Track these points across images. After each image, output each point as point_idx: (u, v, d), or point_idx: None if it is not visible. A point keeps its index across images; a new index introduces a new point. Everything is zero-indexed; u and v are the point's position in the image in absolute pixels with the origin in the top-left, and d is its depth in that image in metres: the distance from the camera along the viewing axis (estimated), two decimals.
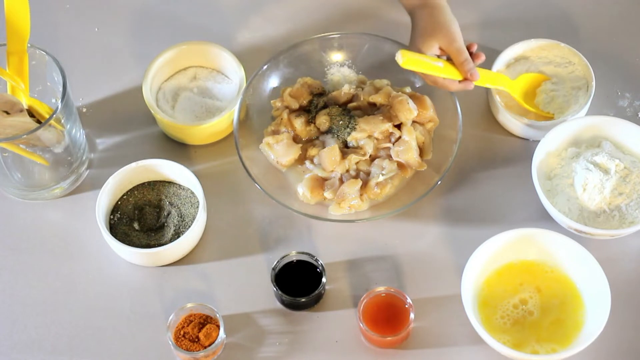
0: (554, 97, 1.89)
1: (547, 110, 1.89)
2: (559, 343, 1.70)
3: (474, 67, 1.79)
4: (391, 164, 1.85)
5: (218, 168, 1.91)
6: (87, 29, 2.05)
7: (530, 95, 1.91)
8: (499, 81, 1.87)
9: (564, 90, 1.90)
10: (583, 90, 1.90)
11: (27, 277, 1.81)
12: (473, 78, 1.80)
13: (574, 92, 1.89)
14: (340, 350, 1.74)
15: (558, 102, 1.89)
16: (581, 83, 1.91)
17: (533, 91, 1.91)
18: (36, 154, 1.81)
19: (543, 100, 1.90)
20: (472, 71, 1.79)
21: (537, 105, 1.90)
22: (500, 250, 1.75)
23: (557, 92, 1.90)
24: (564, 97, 1.89)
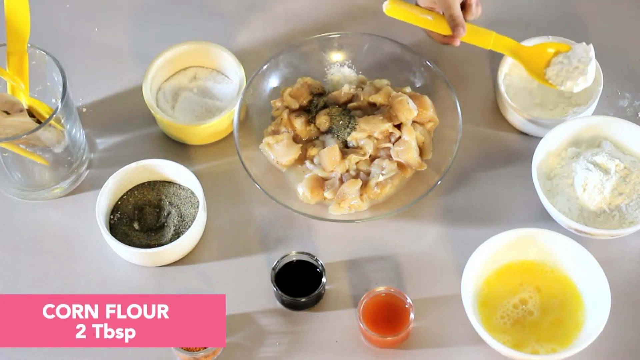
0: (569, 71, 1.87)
1: (555, 83, 1.87)
2: (559, 343, 1.70)
3: (460, 24, 1.76)
4: (391, 164, 1.85)
5: (218, 168, 1.91)
6: (87, 29, 2.05)
7: (539, 65, 1.89)
8: (501, 45, 1.85)
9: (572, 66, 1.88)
10: (590, 88, 1.90)
11: (27, 277, 1.81)
12: (455, 34, 1.76)
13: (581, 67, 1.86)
14: (340, 350, 1.74)
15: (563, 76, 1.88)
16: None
17: (543, 62, 1.90)
18: (36, 154, 1.81)
19: (557, 73, 1.88)
20: (456, 28, 1.76)
21: (544, 77, 1.88)
22: (500, 250, 1.75)
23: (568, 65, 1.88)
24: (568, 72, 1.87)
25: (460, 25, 1.78)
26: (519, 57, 1.89)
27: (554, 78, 1.87)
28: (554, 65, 1.88)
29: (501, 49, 1.89)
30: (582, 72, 1.84)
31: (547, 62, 1.89)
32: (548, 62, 1.89)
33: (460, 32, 1.77)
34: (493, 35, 1.88)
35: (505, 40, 1.89)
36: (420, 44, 1.99)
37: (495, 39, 1.88)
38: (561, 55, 1.88)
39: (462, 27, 1.79)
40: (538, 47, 1.89)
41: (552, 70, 1.88)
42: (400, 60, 1.93)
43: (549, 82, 1.87)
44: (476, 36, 1.87)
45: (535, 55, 1.89)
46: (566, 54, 1.88)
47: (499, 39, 1.88)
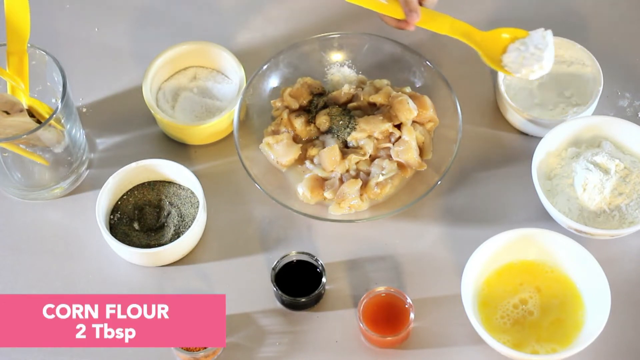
0: (525, 58, 1.83)
1: (511, 70, 1.83)
2: (559, 343, 1.70)
3: (414, 10, 1.74)
4: (391, 164, 1.85)
5: (218, 168, 1.91)
6: (87, 29, 2.05)
7: (496, 51, 1.85)
8: (458, 31, 1.82)
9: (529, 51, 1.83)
10: (590, 88, 1.90)
11: (27, 277, 1.81)
12: (408, 20, 1.74)
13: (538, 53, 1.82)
14: (340, 350, 1.74)
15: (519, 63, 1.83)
16: (589, 84, 1.91)
17: (499, 48, 1.85)
18: (36, 154, 1.81)
19: (513, 60, 1.83)
20: (410, 14, 1.74)
21: (501, 63, 1.84)
22: (500, 250, 1.75)
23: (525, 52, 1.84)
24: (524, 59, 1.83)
25: (414, 10, 1.76)
26: (475, 43, 1.84)
27: (510, 65, 1.82)
28: (510, 52, 1.83)
29: (457, 34, 1.84)
30: (538, 58, 1.80)
31: (503, 49, 1.84)
32: (505, 49, 1.84)
33: (414, 17, 1.75)
34: (449, 20, 1.84)
35: (461, 25, 1.84)
36: (420, 44, 1.99)
37: (451, 24, 1.84)
38: (518, 41, 1.83)
39: (416, 13, 1.76)
40: (494, 33, 1.84)
41: (509, 57, 1.83)
42: (400, 60, 1.93)
43: (505, 69, 1.83)
44: (432, 21, 1.83)
45: (491, 42, 1.84)
46: (523, 40, 1.83)
47: (456, 23, 1.84)
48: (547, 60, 1.80)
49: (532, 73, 1.81)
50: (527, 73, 1.81)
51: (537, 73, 1.81)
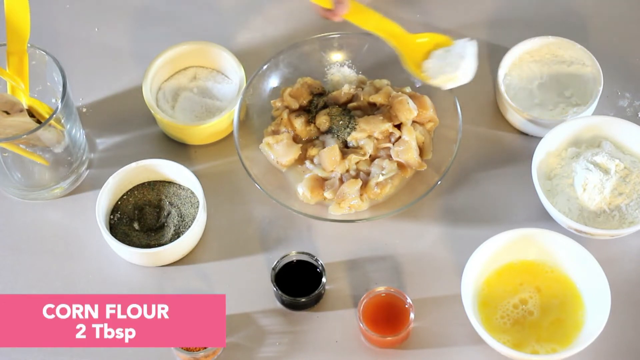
0: (443, 66, 1.82)
1: (429, 76, 1.82)
2: (559, 343, 1.70)
3: (342, 1, 1.74)
4: (391, 164, 1.85)
5: (218, 168, 1.91)
6: (87, 29, 2.05)
7: (418, 56, 1.84)
8: (383, 30, 1.81)
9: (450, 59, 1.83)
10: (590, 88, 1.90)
11: (27, 277, 1.81)
12: (335, 11, 1.74)
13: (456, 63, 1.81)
14: (340, 350, 1.74)
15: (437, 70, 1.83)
16: (589, 84, 1.91)
17: (422, 53, 1.84)
18: (36, 154, 1.81)
19: (432, 66, 1.83)
20: (338, 5, 1.74)
21: (421, 69, 1.83)
22: (500, 250, 1.75)
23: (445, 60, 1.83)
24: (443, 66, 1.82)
25: (342, 2, 1.76)
26: (399, 45, 1.83)
27: (430, 71, 1.82)
28: (433, 58, 1.82)
29: (382, 32, 1.83)
30: (455, 67, 1.79)
31: (427, 54, 1.83)
32: (428, 54, 1.83)
33: (341, 9, 1.74)
34: (377, 17, 1.83)
35: (388, 24, 1.83)
36: None
37: (378, 21, 1.83)
38: (442, 49, 1.83)
39: (343, 5, 1.76)
40: (420, 37, 1.84)
41: (430, 63, 1.82)
42: (400, 60, 1.93)
43: (423, 75, 1.82)
44: (359, 15, 1.82)
45: (416, 46, 1.83)
46: (447, 48, 1.82)
47: (383, 22, 1.83)
48: (463, 70, 1.79)
49: (448, 82, 1.80)
50: (443, 81, 1.80)
51: (452, 82, 1.80)
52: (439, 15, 2.04)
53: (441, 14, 2.04)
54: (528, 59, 1.95)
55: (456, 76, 1.79)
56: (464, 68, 1.79)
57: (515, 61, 1.94)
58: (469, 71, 1.79)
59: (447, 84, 1.81)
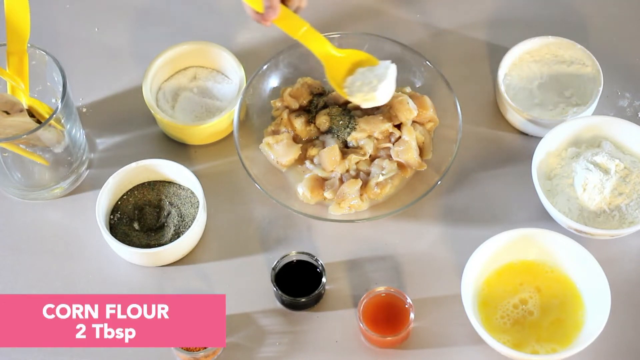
0: (362, 85, 1.84)
1: (347, 93, 1.83)
2: (559, 343, 1.70)
3: (272, 7, 1.74)
4: (391, 164, 1.85)
5: (218, 168, 1.91)
6: (87, 29, 2.05)
7: (341, 71, 1.85)
8: (310, 40, 1.82)
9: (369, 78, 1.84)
10: (590, 88, 1.90)
11: (27, 277, 1.81)
12: (265, 15, 1.75)
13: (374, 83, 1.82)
14: (340, 350, 1.74)
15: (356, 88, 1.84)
16: (589, 84, 1.91)
17: (345, 69, 1.86)
18: (36, 154, 1.81)
19: (353, 83, 1.84)
20: (268, 10, 1.74)
21: (342, 84, 1.84)
22: (500, 250, 1.75)
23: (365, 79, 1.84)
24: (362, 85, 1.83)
25: (272, 7, 1.76)
26: (323, 58, 1.85)
27: (350, 87, 1.83)
28: (356, 75, 1.84)
29: (309, 43, 1.84)
30: (373, 88, 1.81)
31: (350, 71, 1.85)
32: (353, 71, 1.85)
33: (271, 14, 1.75)
34: (305, 27, 1.83)
35: (315, 35, 1.84)
36: (420, 44, 1.99)
37: (306, 31, 1.83)
38: (366, 68, 1.85)
39: (274, 10, 1.76)
40: (347, 53, 1.86)
41: (351, 79, 1.84)
42: (400, 60, 1.93)
43: (343, 91, 1.83)
44: (288, 22, 1.82)
45: (340, 60, 1.86)
46: (371, 68, 1.85)
47: (310, 32, 1.83)
48: (381, 92, 1.81)
49: (365, 101, 1.82)
50: (359, 99, 1.82)
51: (369, 102, 1.82)
52: (439, 15, 2.04)
53: (441, 14, 2.04)
54: (528, 59, 1.95)
55: (374, 96, 1.81)
56: (381, 89, 1.81)
57: (515, 61, 1.94)
58: (386, 93, 1.82)
59: (364, 103, 1.83)
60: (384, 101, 1.82)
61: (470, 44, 2.01)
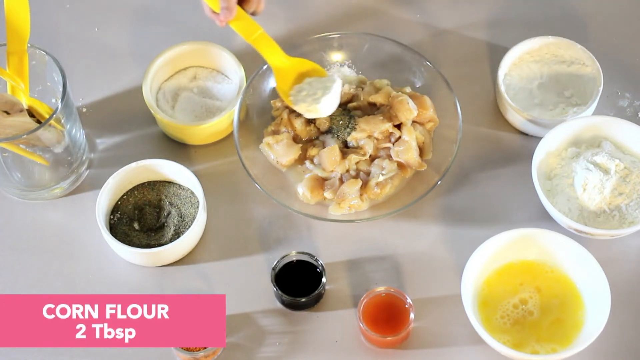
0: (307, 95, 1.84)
1: (292, 101, 1.84)
2: (559, 343, 1.70)
3: (228, 8, 1.75)
4: (391, 164, 1.85)
5: (218, 168, 1.91)
6: (87, 29, 2.05)
7: (289, 79, 1.86)
8: (262, 44, 1.83)
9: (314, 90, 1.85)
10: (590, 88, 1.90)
11: (27, 277, 1.81)
12: (220, 15, 1.76)
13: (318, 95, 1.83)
14: (340, 350, 1.74)
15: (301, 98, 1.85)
16: (589, 84, 1.91)
17: (293, 77, 1.86)
18: (36, 154, 1.81)
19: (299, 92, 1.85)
20: (223, 10, 1.75)
21: (288, 92, 1.85)
22: (500, 250, 1.75)
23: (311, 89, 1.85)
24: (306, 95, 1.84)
25: (228, 9, 1.77)
26: (274, 64, 1.85)
27: (295, 95, 1.84)
28: (303, 84, 1.85)
29: (260, 48, 1.85)
30: (316, 100, 1.82)
31: (298, 79, 1.86)
32: (301, 80, 1.86)
33: (226, 15, 1.76)
34: (258, 31, 1.84)
35: (267, 41, 1.84)
36: (420, 44, 1.99)
37: (259, 35, 1.84)
38: (313, 78, 1.85)
39: (230, 12, 1.77)
40: (297, 62, 1.87)
41: (298, 88, 1.85)
42: (400, 60, 1.93)
43: (289, 98, 1.84)
44: (243, 24, 1.82)
45: (288, 68, 1.86)
46: (317, 78, 1.85)
47: (262, 37, 1.84)
48: (323, 104, 1.81)
49: (308, 112, 1.83)
50: (303, 109, 1.83)
51: (311, 113, 1.83)
52: (439, 15, 2.04)
53: (441, 14, 2.04)
54: (528, 59, 1.95)
55: (316, 108, 1.82)
56: (324, 102, 1.81)
57: (515, 61, 1.94)
58: (329, 107, 1.82)
59: (307, 114, 1.83)
60: (325, 114, 1.83)
61: (470, 44, 2.01)
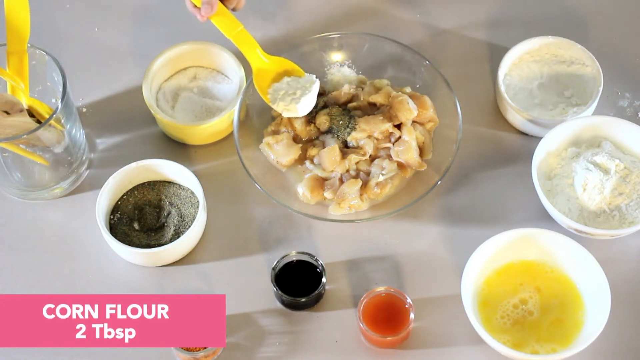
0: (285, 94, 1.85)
1: (270, 100, 1.85)
2: (559, 343, 1.70)
3: (209, 3, 1.76)
4: (391, 164, 1.85)
5: (218, 168, 1.91)
6: (87, 29, 2.05)
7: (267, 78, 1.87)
8: (242, 41, 1.85)
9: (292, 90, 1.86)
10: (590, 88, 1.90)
11: (27, 277, 1.81)
12: (202, 10, 1.77)
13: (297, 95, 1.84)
14: (340, 350, 1.74)
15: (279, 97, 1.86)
16: (589, 84, 1.91)
17: (271, 76, 1.88)
18: (36, 154, 1.81)
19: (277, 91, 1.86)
20: (205, 5, 1.76)
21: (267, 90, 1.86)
22: (500, 250, 1.75)
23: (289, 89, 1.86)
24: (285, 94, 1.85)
25: (209, 4, 1.78)
26: (253, 62, 1.86)
27: (273, 94, 1.85)
28: (281, 83, 1.86)
29: (239, 44, 1.85)
30: (295, 100, 1.83)
31: (277, 78, 1.87)
32: (279, 79, 1.87)
33: (207, 10, 1.77)
34: (239, 28, 1.84)
35: (248, 38, 1.85)
36: (420, 44, 1.99)
37: (239, 32, 1.84)
38: (292, 77, 1.86)
39: (211, 7, 1.78)
40: (276, 61, 1.87)
41: (276, 87, 1.86)
42: (400, 60, 1.93)
43: (266, 97, 1.85)
44: (224, 20, 1.83)
45: (267, 66, 1.87)
46: (295, 78, 1.86)
47: (242, 34, 1.85)
48: (302, 104, 1.83)
49: (285, 111, 1.84)
50: (280, 108, 1.84)
51: (289, 112, 1.84)
52: (439, 15, 2.04)
53: (441, 14, 2.04)
54: (528, 59, 1.95)
55: (295, 107, 1.83)
56: (303, 102, 1.83)
57: (515, 61, 1.94)
58: (306, 106, 1.84)
59: (285, 113, 1.84)
60: (303, 114, 1.84)
61: (470, 44, 2.01)
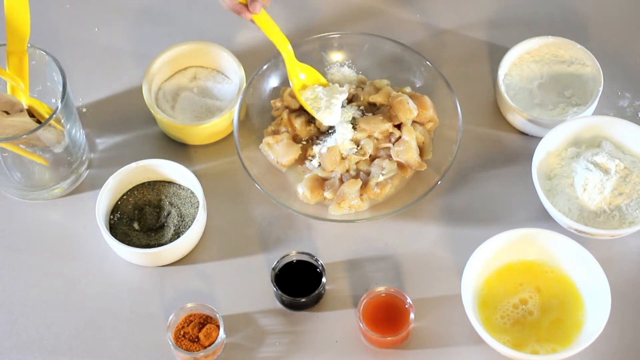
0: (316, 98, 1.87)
1: (312, 108, 1.87)
2: (559, 343, 1.70)
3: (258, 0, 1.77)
4: (391, 164, 1.85)
5: (218, 168, 1.91)
6: (87, 29, 2.05)
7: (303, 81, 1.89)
8: (282, 45, 1.86)
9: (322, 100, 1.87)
10: (590, 88, 1.90)
11: (27, 277, 1.81)
12: (250, 7, 1.77)
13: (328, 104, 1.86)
14: (340, 350, 1.74)
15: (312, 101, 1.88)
16: (589, 84, 1.91)
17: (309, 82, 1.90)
18: (36, 154, 1.81)
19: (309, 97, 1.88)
20: (253, 3, 1.76)
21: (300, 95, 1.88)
22: (500, 250, 1.75)
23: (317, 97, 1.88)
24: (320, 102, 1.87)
25: (258, 1, 1.78)
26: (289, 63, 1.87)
27: (311, 102, 1.86)
28: (316, 90, 1.87)
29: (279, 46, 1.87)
30: (328, 107, 1.84)
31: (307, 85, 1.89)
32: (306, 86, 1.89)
33: (256, 7, 1.77)
34: (277, 29, 1.85)
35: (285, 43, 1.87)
36: (420, 44, 1.99)
37: (277, 34, 1.86)
38: (319, 86, 1.88)
39: (259, 4, 1.78)
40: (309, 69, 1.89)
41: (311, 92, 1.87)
42: (400, 60, 1.93)
43: (303, 100, 1.86)
44: (266, 22, 1.84)
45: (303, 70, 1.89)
46: (326, 88, 1.88)
47: (282, 37, 1.86)
48: (334, 113, 1.85)
49: (326, 115, 1.85)
50: (320, 116, 1.85)
51: (327, 117, 1.85)
52: (439, 15, 2.04)
53: (441, 14, 2.04)
54: (528, 59, 1.95)
55: (330, 113, 1.85)
56: (334, 112, 1.85)
57: (515, 61, 1.94)
58: (335, 116, 1.85)
59: (325, 118, 1.86)
60: (332, 123, 1.86)
61: (470, 44, 2.01)
